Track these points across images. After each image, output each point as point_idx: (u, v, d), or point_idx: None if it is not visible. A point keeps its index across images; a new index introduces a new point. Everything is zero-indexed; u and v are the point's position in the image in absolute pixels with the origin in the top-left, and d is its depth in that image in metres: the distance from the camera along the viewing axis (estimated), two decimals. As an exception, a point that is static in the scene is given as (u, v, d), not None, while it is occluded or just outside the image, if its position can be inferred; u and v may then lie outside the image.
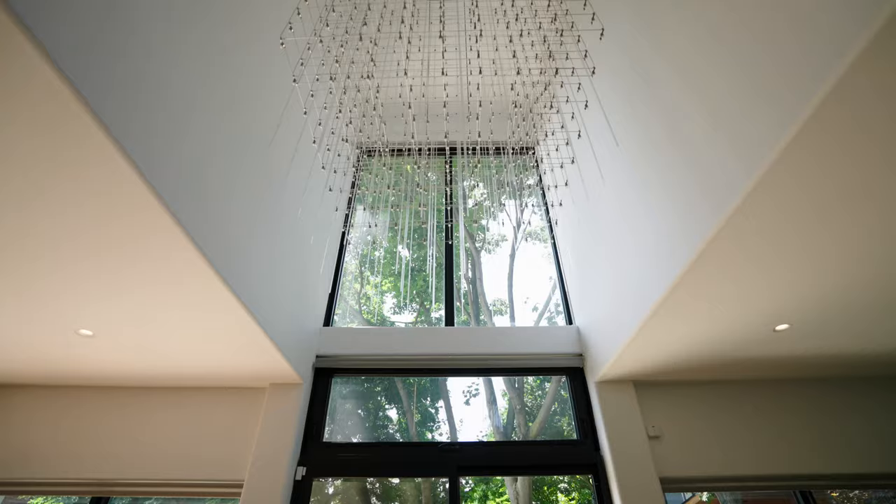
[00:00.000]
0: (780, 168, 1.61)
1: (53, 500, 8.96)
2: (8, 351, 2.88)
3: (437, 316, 5.00)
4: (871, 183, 1.67)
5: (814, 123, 1.46)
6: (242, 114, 2.51)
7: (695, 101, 2.05)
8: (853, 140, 1.51)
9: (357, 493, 8.44)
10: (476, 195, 7.04)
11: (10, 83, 1.34)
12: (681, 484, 3.02)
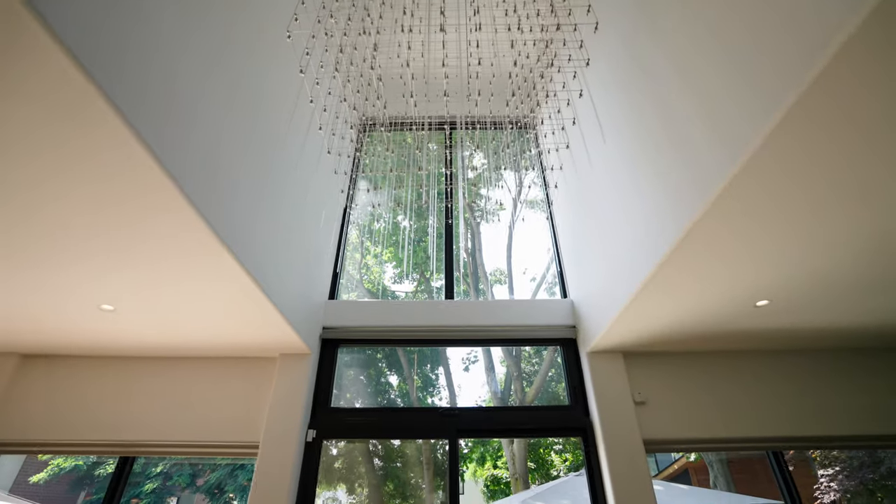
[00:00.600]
0: (765, 154, 1.70)
1: (73, 459, 9.40)
2: (36, 324, 3.07)
3: (438, 286, 5.16)
4: (853, 170, 1.77)
5: (798, 111, 1.53)
6: (249, 96, 2.60)
7: (686, 88, 2.15)
8: (837, 127, 1.60)
9: (360, 455, 8.92)
10: (476, 164, 7.11)
11: (24, 70, 1.41)
12: (662, 445, 3.27)
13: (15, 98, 1.51)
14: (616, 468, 3.11)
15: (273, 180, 2.90)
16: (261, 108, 2.75)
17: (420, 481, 8.82)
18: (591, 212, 3.55)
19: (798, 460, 7.98)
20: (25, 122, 1.59)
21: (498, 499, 9.89)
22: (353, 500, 9.00)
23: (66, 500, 9.49)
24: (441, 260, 4.81)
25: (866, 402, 3.35)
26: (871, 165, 1.76)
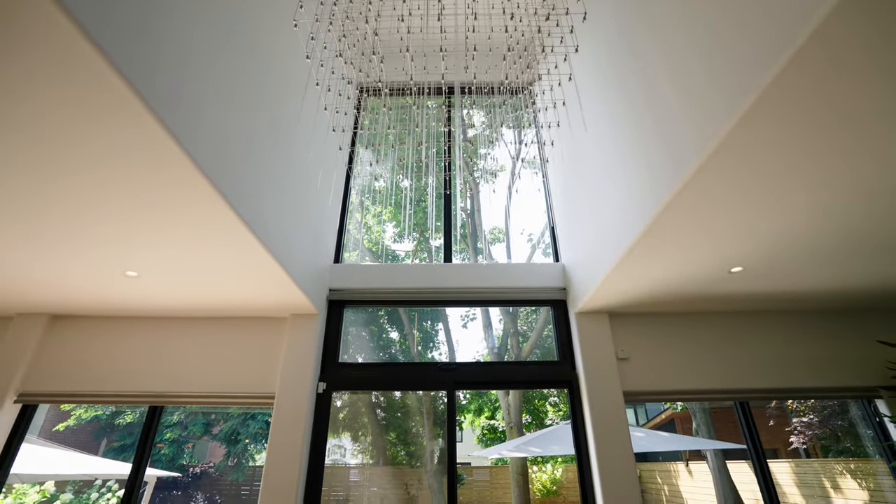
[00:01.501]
0: (737, 135, 1.84)
1: (93, 410, 9.90)
2: (65, 289, 3.32)
3: (437, 244, 5.34)
4: (824, 146, 1.90)
5: (773, 90, 1.63)
6: (256, 73, 2.73)
7: (669, 67, 2.28)
8: (811, 105, 1.70)
9: (364, 406, 9.47)
10: (476, 122, 7.16)
11: (47, 53, 1.52)
12: (640, 396, 3.61)
13: (54, 102, 1.68)
14: (597, 416, 3.46)
15: (278, 153, 3.06)
16: (267, 84, 2.88)
17: (421, 430, 9.42)
18: (582, 182, 3.73)
19: (778, 412, 8.52)
20: (61, 121, 1.76)
21: (494, 445, 10.55)
22: (358, 447, 9.64)
23: (90, 446, 10.14)
24: (440, 220, 5.01)
25: (825, 357, 3.66)
26: (841, 138, 1.87)
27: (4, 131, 1.83)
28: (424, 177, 3.41)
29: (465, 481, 12.03)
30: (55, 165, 2.03)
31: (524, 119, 5.13)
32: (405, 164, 3.76)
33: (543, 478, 12.55)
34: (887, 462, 3.48)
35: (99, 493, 8.29)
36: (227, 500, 10.12)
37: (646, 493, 12.20)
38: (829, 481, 6.78)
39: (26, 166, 2.02)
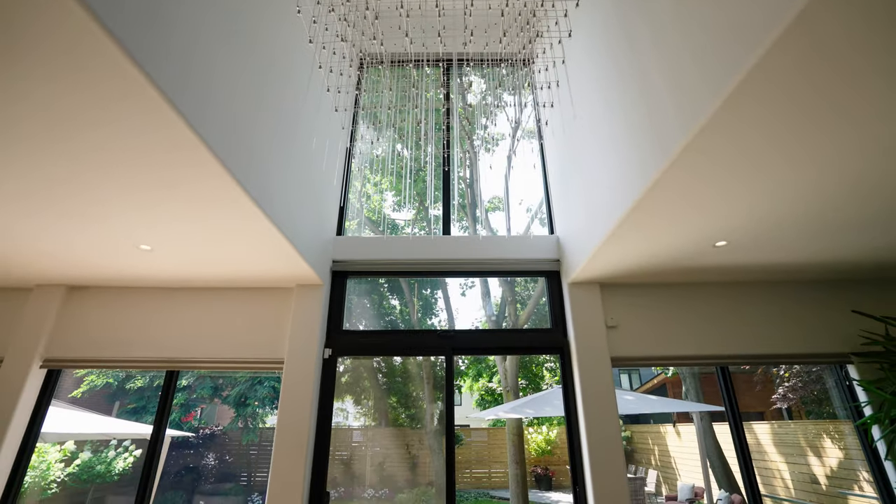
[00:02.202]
0: (721, 117, 1.92)
1: (105, 376, 10.28)
2: (82, 262, 3.50)
3: (436, 213, 5.46)
4: (805, 127, 1.99)
5: (757, 73, 1.69)
6: (260, 55, 2.81)
7: (658, 50, 2.37)
8: (795, 88, 1.78)
9: (366, 371, 9.84)
10: (475, 90, 7.17)
11: (62, 45, 1.59)
12: (627, 361, 3.84)
13: (70, 88, 1.79)
14: (586, 380, 3.70)
15: (282, 131, 3.16)
16: (270, 64, 2.96)
17: (421, 394, 9.82)
18: (576, 158, 3.84)
19: (765, 378, 8.88)
20: (76, 106, 1.88)
21: (491, 408, 10.99)
22: (361, 410, 10.07)
23: (104, 409, 10.57)
24: (439, 189, 5.13)
25: (801, 326, 3.88)
26: (823, 120, 1.95)
27: (22, 115, 1.93)
28: (423, 146, 3.48)
29: (464, 442, 12.59)
30: (71, 146, 2.13)
31: (522, 89, 5.16)
32: (405, 132, 3.81)
33: (539, 438, 13.11)
34: (853, 421, 3.74)
35: (116, 451, 8.74)
36: (237, 459, 10.61)
37: (637, 454, 12.78)
38: (807, 441, 7.17)
39: (43, 148, 2.14)
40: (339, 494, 8.26)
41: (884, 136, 2.06)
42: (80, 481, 8.36)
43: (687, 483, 9.10)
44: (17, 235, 3.05)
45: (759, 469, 7.88)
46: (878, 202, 2.64)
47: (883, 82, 1.73)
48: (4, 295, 4.02)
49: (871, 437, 3.57)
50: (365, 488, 8.92)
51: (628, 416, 13.34)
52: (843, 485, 6.21)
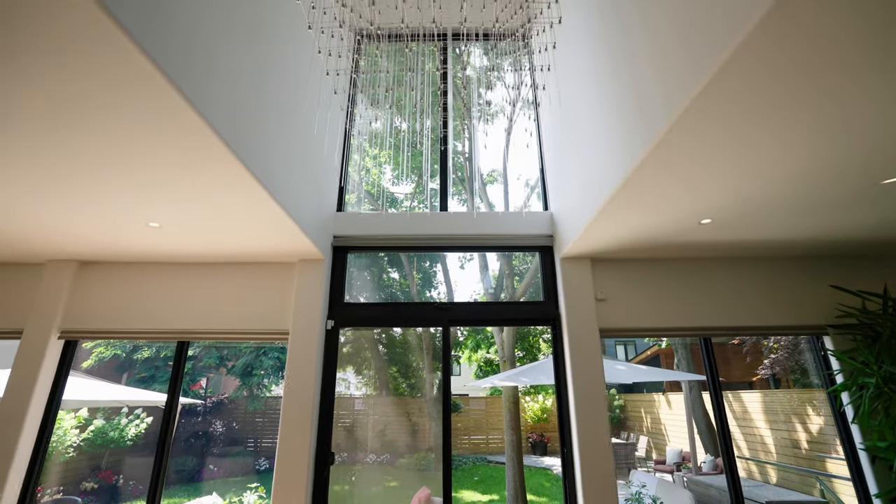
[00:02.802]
0: (702, 100, 2.00)
1: (113, 348, 10.60)
2: (93, 239, 3.65)
3: (434, 187, 5.55)
4: (787, 107, 2.06)
5: (743, 52, 1.73)
6: (262, 35, 2.88)
7: (646, 31, 2.44)
8: (778, 67, 1.81)
9: (367, 342, 10.13)
10: (474, 62, 7.16)
11: (71, 31, 1.67)
12: (615, 332, 4.04)
13: (79, 74, 1.89)
14: (575, 350, 3.91)
15: (282, 110, 3.25)
16: (270, 45, 3.04)
17: (420, 364, 10.13)
18: (569, 136, 3.94)
19: (755, 349, 9.15)
20: (85, 90, 1.98)
21: (488, 377, 11.34)
22: (362, 380, 10.41)
23: (113, 379, 10.90)
24: (437, 162, 5.23)
25: (781, 299, 4.06)
26: (806, 99, 2.01)
27: (33, 99, 2.02)
28: (421, 119, 3.56)
29: (463, 410, 13.02)
30: (81, 129, 2.23)
31: (520, 59, 5.17)
32: (403, 105, 3.87)
33: (535, 407, 13.55)
34: (826, 388, 3.97)
35: (127, 419, 9.11)
36: (243, 426, 11.02)
37: (629, 421, 13.23)
38: (791, 409, 7.47)
39: (54, 131, 2.25)
40: (342, 459, 8.62)
41: (870, 117, 2.13)
42: (94, 446, 8.76)
43: (675, 448, 9.51)
44: (30, 213, 3.19)
45: (745, 435, 8.25)
46: (864, 181, 2.74)
47: (864, 61, 1.78)
48: (18, 270, 4.19)
49: (840, 402, 3.80)
50: (367, 454, 9.32)
51: (622, 386, 13.75)
52: (822, 449, 6.53)
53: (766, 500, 4.90)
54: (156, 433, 9.85)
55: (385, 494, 8.59)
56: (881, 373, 3.38)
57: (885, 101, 2.02)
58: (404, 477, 9.09)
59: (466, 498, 9.00)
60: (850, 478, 3.75)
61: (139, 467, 9.45)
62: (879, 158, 2.50)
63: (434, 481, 6.86)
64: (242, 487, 4.38)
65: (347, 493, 8.38)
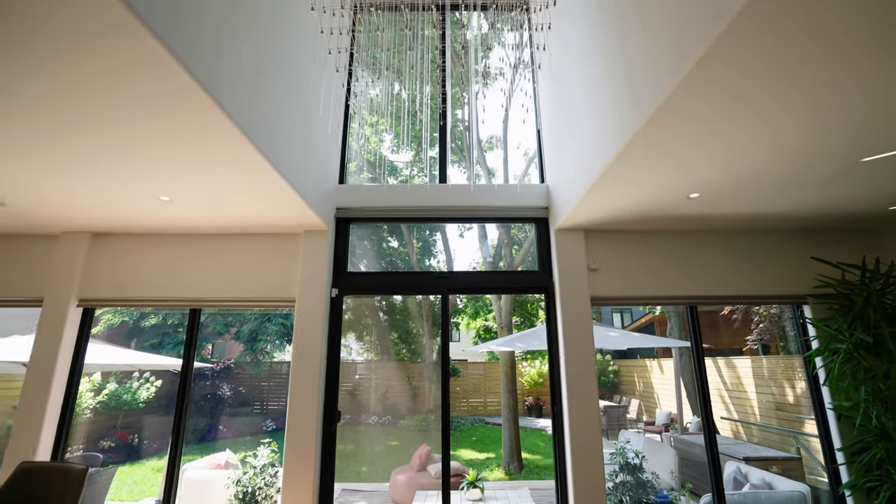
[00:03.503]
0: (692, 80, 2.07)
1: (121, 315, 10.89)
2: (107, 212, 3.81)
3: (433, 155, 5.64)
4: (773, 87, 2.15)
5: (728, 37, 1.79)
6: (265, 15, 2.95)
7: (639, 15, 2.51)
8: (765, 49, 1.87)
9: (368, 309, 10.40)
10: (473, 26, 7.11)
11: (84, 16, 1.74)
12: (605, 301, 4.25)
13: (91, 55, 2.00)
14: (567, 317, 4.12)
15: (284, 85, 3.34)
16: (272, 22, 3.11)
17: (420, 330, 10.45)
18: (565, 110, 4.04)
19: (745, 318, 9.42)
20: (96, 71, 2.09)
21: (485, 342, 11.70)
22: (364, 346, 10.76)
23: (123, 344, 11.25)
24: (436, 130, 5.31)
25: (764, 270, 4.25)
26: (790, 80, 2.09)
27: (48, 79, 2.11)
28: (420, 84, 3.61)
29: (462, 374, 13.48)
30: (93, 107, 2.33)
31: (518, 27, 5.17)
32: (401, 67, 3.88)
33: (532, 372, 14.00)
34: (802, 353, 4.21)
35: (139, 382, 9.49)
36: (249, 390, 11.45)
37: (622, 385, 13.71)
38: (778, 373, 7.80)
39: (68, 108, 2.36)
40: (345, 421, 9.06)
41: (855, 98, 2.23)
42: (109, 408, 9.17)
43: (665, 411, 9.93)
44: (45, 188, 3.32)
45: (733, 398, 8.62)
46: (847, 159, 2.86)
47: (852, 43, 1.85)
48: (35, 241, 4.36)
49: (814, 366, 4.05)
50: (370, 415, 9.76)
51: (616, 352, 14.16)
52: (801, 411, 6.88)
53: (744, 456, 5.24)
54: (166, 396, 10.31)
55: (388, 452, 9.05)
56: (852, 339, 3.61)
57: (871, 82, 2.11)
58: (405, 437, 9.55)
59: (465, 456, 9.47)
60: (817, 435, 4.04)
61: (152, 427, 9.92)
62: (862, 138, 2.62)
63: (434, 441, 7.26)
64: (251, 447, 4.70)
65: (352, 452, 8.83)
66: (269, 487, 4.23)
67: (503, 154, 9.66)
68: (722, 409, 8.88)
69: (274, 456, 4.42)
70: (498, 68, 7.98)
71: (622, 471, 3.99)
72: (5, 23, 1.78)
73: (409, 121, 3.95)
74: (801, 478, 5.23)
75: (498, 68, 7.98)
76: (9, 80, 2.11)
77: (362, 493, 6.57)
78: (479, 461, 8.97)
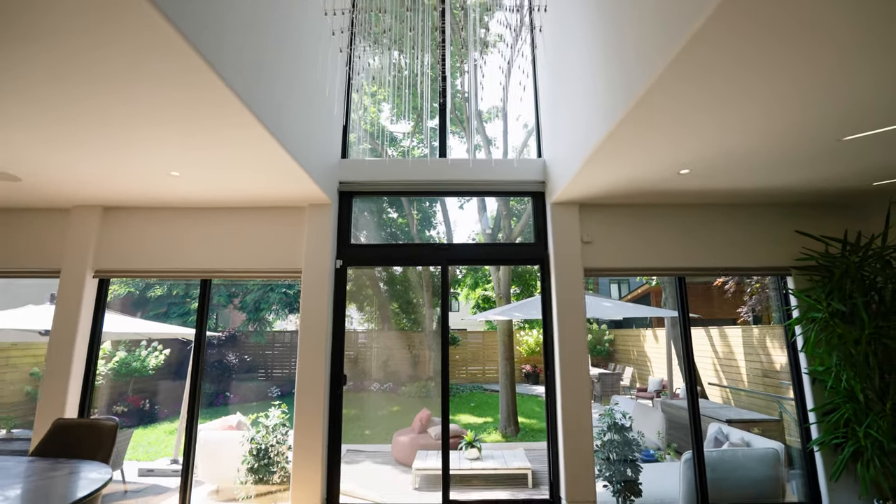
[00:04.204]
0: (679, 63, 2.15)
1: (126, 286, 11.13)
2: (119, 186, 3.95)
3: (433, 125, 5.73)
4: (760, 69, 2.22)
5: (714, 23, 1.83)
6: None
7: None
8: (753, 35, 1.92)
9: (368, 279, 10.63)
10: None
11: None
12: (596, 272, 4.44)
13: (104, 41, 2.11)
14: (560, 287, 4.33)
15: (288, 62, 3.42)
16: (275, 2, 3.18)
17: (421, 300, 10.72)
18: (561, 87, 4.12)
19: (738, 289, 9.66)
20: (109, 54, 2.21)
21: (483, 311, 11.99)
22: (366, 316, 11.05)
23: (129, 314, 11.53)
24: (435, 100, 5.38)
25: (750, 243, 4.43)
26: (780, 61, 2.15)
27: (63, 60, 2.20)
28: (419, 54, 3.66)
29: (461, 343, 13.86)
30: (104, 87, 2.43)
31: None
32: (401, 35, 3.88)
33: (530, 340, 14.38)
34: (783, 322, 4.44)
35: (147, 351, 9.82)
36: (254, 358, 11.83)
37: (617, 353, 14.12)
38: (767, 342, 8.09)
39: (81, 87, 2.49)
40: (349, 388, 9.43)
41: (839, 80, 2.33)
42: (119, 375, 9.53)
43: (657, 378, 10.31)
44: (58, 164, 3.45)
45: (723, 365, 8.96)
46: (830, 138, 2.98)
47: (840, 22, 1.90)
48: (49, 215, 4.52)
49: (793, 333, 4.29)
50: (372, 382, 10.12)
51: (612, 322, 14.51)
52: (785, 377, 7.20)
53: (727, 418, 5.56)
54: (175, 363, 10.65)
55: (390, 417, 9.45)
56: (829, 309, 3.82)
57: (855, 63, 2.19)
58: (406, 402, 9.94)
59: (464, 420, 9.89)
60: (793, 398, 4.32)
61: (162, 393, 10.32)
62: (847, 117, 2.73)
63: (434, 406, 7.60)
64: (259, 411, 5.00)
65: (356, 416, 9.21)
66: (280, 445, 4.53)
67: (503, 125, 9.72)
68: (712, 376, 9.24)
69: (284, 417, 4.70)
70: (497, 34, 7.95)
71: (609, 430, 4.27)
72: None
73: (409, 91, 4.02)
74: (780, 438, 5.55)
75: (497, 34, 7.95)
76: (23, 65, 2.21)
77: (366, 454, 6.95)
78: (478, 425, 9.38)
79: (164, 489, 5.20)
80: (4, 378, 7.82)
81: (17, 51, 2.10)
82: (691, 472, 4.15)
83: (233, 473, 4.55)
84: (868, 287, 3.81)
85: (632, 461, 4.18)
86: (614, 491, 4.14)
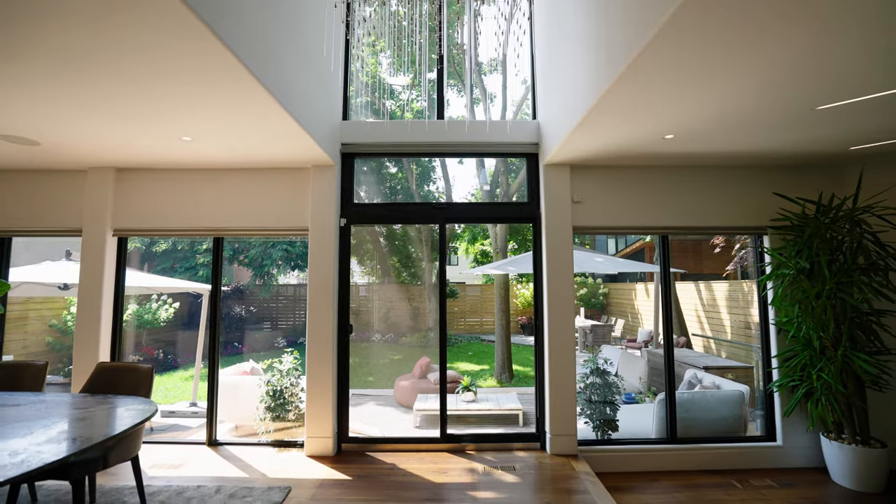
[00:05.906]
0: (661, 39, 2.28)
1: (134, 242, 11.39)
2: (132, 150, 4.16)
3: (431, 78, 5.82)
4: (738, 50, 2.39)
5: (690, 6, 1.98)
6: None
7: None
8: (726, 19, 2.05)
9: (368, 234, 10.91)
10: None
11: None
12: (586, 230, 4.72)
13: (116, 25, 2.27)
14: (551, 244, 4.63)
15: (289, 26, 3.54)
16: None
17: (420, 255, 11.06)
18: (555, 51, 4.24)
19: (728, 246, 9.98)
20: (119, 27, 2.38)
21: (481, 265, 12.38)
22: (367, 270, 11.42)
23: (135, 268, 11.91)
24: (434, 52, 5.46)
25: (730, 203, 4.69)
26: (760, 35, 2.32)
27: (81, 38, 2.40)
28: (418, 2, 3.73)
29: (460, 296, 14.35)
30: (122, 64, 2.61)
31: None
32: None
33: (526, 293, 14.87)
34: (757, 278, 4.78)
35: (157, 304, 10.26)
36: (260, 311, 12.33)
37: (610, 307, 14.65)
38: (746, 296, 8.50)
39: (99, 54, 2.67)
40: (352, 339, 9.95)
41: (808, 55, 2.50)
42: (133, 327, 10.02)
43: (646, 329, 10.83)
44: (76, 129, 3.64)
45: (709, 318, 9.43)
46: (804, 106, 3.16)
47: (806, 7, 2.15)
48: (68, 176, 4.75)
49: (764, 287, 4.64)
50: (374, 333, 10.64)
51: (607, 276, 14.95)
52: (763, 327, 7.65)
53: (704, 366, 6.02)
54: (187, 314, 11.12)
55: (391, 364, 10.03)
56: (796, 266, 4.14)
57: (821, 39, 2.34)
58: (407, 352, 10.50)
59: (461, 368, 10.48)
60: (760, 346, 4.73)
61: (175, 343, 10.87)
62: (817, 88, 2.93)
63: (433, 354, 8.10)
64: (267, 359, 5.45)
65: (359, 364, 9.78)
66: (294, 387, 4.99)
67: (502, 79, 9.70)
68: (697, 327, 9.74)
69: (296, 362, 5.13)
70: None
71: (592, 374, 4.71)
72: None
73: (408, 41, 4.11)
74: (750, 383, 6.04)
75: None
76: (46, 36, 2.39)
77: (370, 397, 7.51)
78: (475, 372, 9.98)
79: (185, 427, 5.72)
80: (27, 329, 8.29)
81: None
82: (664, 410, 4.62)
83: (251, 412, 5.03)
84: (835, 247, 4.10)
85: (611, 402, 4.64)
86: (594, 426, 4.63)
